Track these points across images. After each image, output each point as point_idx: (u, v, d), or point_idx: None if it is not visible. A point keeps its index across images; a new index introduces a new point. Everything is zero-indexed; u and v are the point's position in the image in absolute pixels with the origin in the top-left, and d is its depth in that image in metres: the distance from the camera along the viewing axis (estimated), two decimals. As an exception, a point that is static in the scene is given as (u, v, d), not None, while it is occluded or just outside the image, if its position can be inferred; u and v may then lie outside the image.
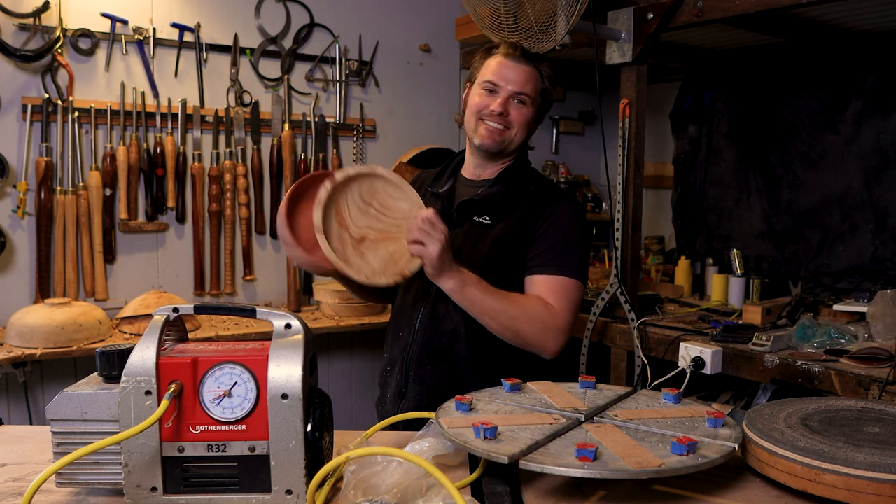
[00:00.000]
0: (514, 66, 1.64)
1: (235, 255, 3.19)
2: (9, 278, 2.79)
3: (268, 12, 3.21)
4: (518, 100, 1.64)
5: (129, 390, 0.96)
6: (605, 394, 1.26)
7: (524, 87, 1.64)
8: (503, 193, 1.66)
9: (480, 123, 1.65)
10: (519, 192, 1.67)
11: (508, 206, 1.65)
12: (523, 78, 1.64)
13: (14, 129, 2.76)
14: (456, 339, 1.63)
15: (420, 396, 1.66)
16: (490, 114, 1.63)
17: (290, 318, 1.02)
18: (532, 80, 1.65)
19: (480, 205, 1.65)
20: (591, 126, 4.20)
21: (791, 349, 2.28)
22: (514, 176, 1.69)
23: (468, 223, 1.65)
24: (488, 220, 1.64)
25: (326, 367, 3.41)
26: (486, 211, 1.65)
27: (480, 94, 1.66)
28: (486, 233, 1.63)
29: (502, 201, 1.65)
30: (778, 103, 3.15)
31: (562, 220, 1.64)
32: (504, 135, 1.64)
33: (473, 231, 1.64)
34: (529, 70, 1.65)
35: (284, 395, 0.96)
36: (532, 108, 1.66)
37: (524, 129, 1.66)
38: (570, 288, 1.60)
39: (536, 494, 1.01)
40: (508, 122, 1.64)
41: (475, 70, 1.71)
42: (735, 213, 3.35)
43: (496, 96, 1.63)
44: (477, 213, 1.65)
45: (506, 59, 1.65)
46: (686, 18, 2.44)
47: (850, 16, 2.63)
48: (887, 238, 2.82)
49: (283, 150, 3.23)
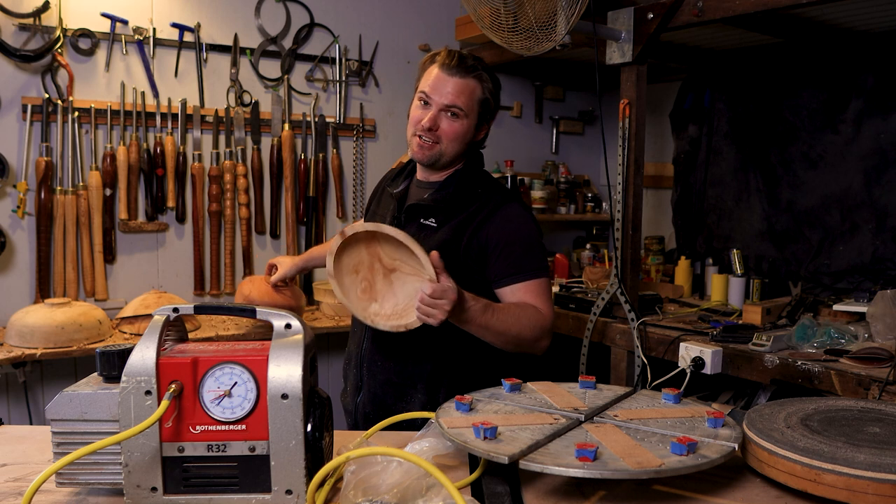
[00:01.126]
0: (448, 79, 1.64)
1: (235, 255, 3.19)
2: (9, 278, 2.79)
3: (268, 12, 3.21)
4: (450, 113, 1.64)
5: (129, 390, 0.96)
6: (605, 394, 1.26)
7: (456, 99, 1.63)
8: (449, 198, 1.69)
9: (414, 138, 1.67)
10: (466, 196, 1.69)
11: (454, 210, 1.67)
12: (457, 90, 1.63)
13: (14, 129, 2.76)
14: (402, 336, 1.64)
15: (374, 390, 1.73)
16: (421, 128, 1.64)
17: (290, 318, 1.02)
18: (466, 93, 1.64)
19: (427, 208, 1.69)
20: (591, 126, 4.20)
21: (791, 349, 2.28)
22: (462, 180, 1.71)
23: (416, 225, 1.68)
24: (434, 223, 1.67)
25: (326, 367, 3.41)
26: (433, 214, 1.68)
27: (416, 105, 1.68)
28: (432, 235, 1.66)
29: (447, 206, 1.68)
30: (778, 103, 3.15)
31: (516, 225, 1.67)
32: (434, 149, 1.66)
33: (420, 234, 1.66)
34: (464, 82, 1.64)
35: (284, 395, 0.96)
36: (466, 121, 1.66)
37: (456, 142, 1.66)
38: (545, 286, 1.66)
39: (536, 494, 1.01)
40: (437, 137, 1.65)
41: (418, 78, 1.72)
42: (735, 213, 3.35)
43: (428, 109, 1.65)
44: (424, 216, 1.69)
45: (441, 70, 1.65)
46: (686, 18, 2.44)
47: (850, 16, 2.63)
48: (887, 238, 2.82)
49: (283, 150, 3.23)
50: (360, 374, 1.76)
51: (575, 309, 2.91)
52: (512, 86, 3.90)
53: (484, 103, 1.69)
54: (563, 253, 3.69)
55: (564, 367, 2.94)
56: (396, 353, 1.70)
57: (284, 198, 3.27)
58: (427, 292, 1.41)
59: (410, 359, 1.69)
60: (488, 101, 1.70)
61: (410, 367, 1.69)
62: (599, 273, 3.17)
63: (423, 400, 1.69)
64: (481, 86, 1.67)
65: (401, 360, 1.70)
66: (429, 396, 1.69)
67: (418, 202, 1.70)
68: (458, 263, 1.62)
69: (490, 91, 1.69)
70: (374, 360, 1.73)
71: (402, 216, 1.71)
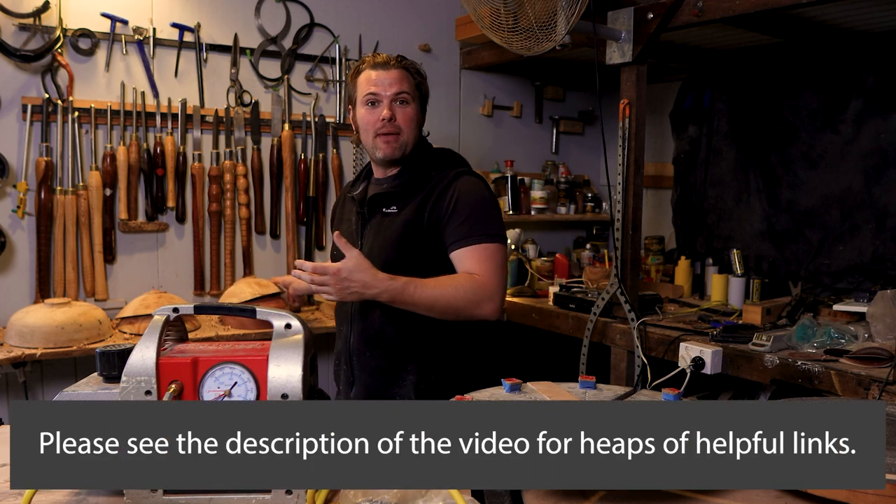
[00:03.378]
0: (385, 73, 1.78)
1: (235, 255, 3.19)
2: (9, 278, 2.79)
3: (268, 12, 3.21)
4: (400, 100, 1.78)
5: (129, 390, 0.96)
6: (605, 394, 1.26)
7: (401, 86, 1.78)
8: (405, 182, 1.81)
9: (377, 138, 1.79)
10: (420, 178, 1.81)
11: (412, 194, 1.79)
12: (398, 79, 1.78)
13: (14, 129, 2.76)
14: (384, 323, 1.78)
15: (367, 382, 1.83)
16: (382, 124, 1.76)
17: (290, 318, 1.02)
18: (405, 80, 1.79)
19: (386, 197, 1.81)
20: (591, 126, 4.20)
21: (791, 349, 2.28)
22: (413, 165, 1.83)
23: (378, 215, 1.82)
24: (395, 209, 1.79)
25: (326, 368, 3.41)
26: (393, 201, 1.80)
27: (366, 109, 1.79)
28: (394, 220, 1.78)
29: (405, 190, 1.80)
30: (778, 103, 3.15)
31: (466, 194, 1.77)
32: (398, 140, 1.78)
33: (383, 222, 1.80)
34: (399, 73, 1.79)
35: (284, 395, 0.96)
36: (415, 104, 1.81)
37: (412, 127, 1.80)
38: (492, 252, 1.74)
39: (536, 494, 1.01)
40: (397, 127, 1.78)
41: (352, 91, 1.85)
42: (735, 213, 3.35)
43: (380, 105, 1.77)
44: (385, 206, 1.81)
45: (374, 69, 1.79)
46: (686, 18, 2.44)
47: (850, 16, 2.63)
48: (887, 238, 2.82)
49: (283, 150, 3.23)
50: (351, 369, 1.85)
51: (575, 309, 2.91)
52: (512, 86, 3.90)
53: (419, 87, 1.84)
54: (563, 253, 3.69)
55: (564, 367, 2.94)
56: (382, 340, 1.79)
57: (284, 198, 3.27)
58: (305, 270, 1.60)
59: (397, 342, 1.78)
60: (421, 86, 1.85)
61: (398, 350, 1.78)
62: (599, 273, 3.17)
63: (414, 381, 1.78)
64: (411, 73, 1.82)
65: (387, 345, 1.78)
66: (420, 377, 1.77)
67: (377, 193, 1.83)
68: (423, 240, 1.76)
69: (420, 76, 1.85)
70: (361, 351, 1.82)
71: (365, 209, 1.84)
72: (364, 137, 1.84)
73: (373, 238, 1.81)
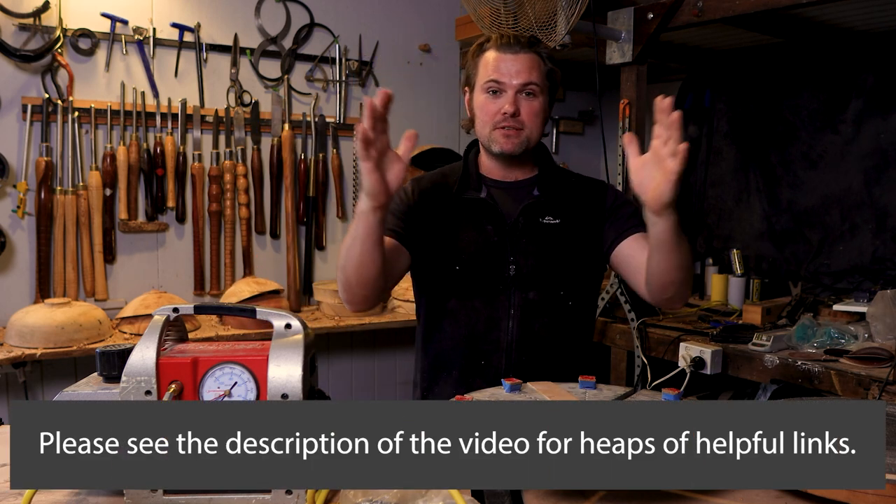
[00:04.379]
0: (513, 58, 1.53)
1: (235, 255, 3.19)
2: (9, 278, 2.79)
3: (268, 12, 3.21)
4: (527, 92, 1.54)
5: (129, 390, 0.96)
6: (605, 394, 1.26)
7: (530, 76, 1.53)
8: (559, 190, 1.62)
9: (495, 131, 1.56)
10: (568, 187, 1.65)
11: (566, 203, 1.62)
12: (526, 67, 1.53)
13: (14, 129, 2.76)
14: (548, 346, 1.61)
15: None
16: (503, 118, 1.53)
17: (290, 318, 1.02)
18: (536, 67, 1.54)
19: (543, 205, 1.60)
20: (591, 126, 4.20)
21: (791, 349, 2.28)
22: (554, 173, 1.66)
23: (536, 226, 1.59)
24: (553, 219, 1.59)
25: (326, 367, 3.41)
26: (549, 211, 1.59)
27: (486, 97, 1.56)
28: (559, 232, 1.59)
29: (561, 199, 1.61)
30: (778, 103, 3.15)
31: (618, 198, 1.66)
32: (520, 136, 1.55)
33: (545, 233, 1.59)
34: (530, 56, 1.54)
35: (284, 395, 0.96)
36: (543, 97, 1.56)
37: (538, 122, 1.57)
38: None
39: (536, 494, 1.01)
40: (521, 122, 1.55)
41: (472, 72, 1.60)
42: (735, 213, 3.35)
43: (503, 96, 1.54)
44: (541, 215, 1.59)
45: (502, 52, 1.54)
46: (686, 18, 2.44)
47: (850, 16, 2.63)
48: (887, 238, 2.82)
49: (283, 150, 3.23)
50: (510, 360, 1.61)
51: (575, 309, 2.91)
52: (512, 86, 3.89)
53: (551, 75, 1.59)
54: (563, 253, 3.68)
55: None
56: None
57: (284, 198, 3.27)
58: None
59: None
60: (554, 73, 1.60)
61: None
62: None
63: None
64: (543, 59, 1.57)
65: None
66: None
67: (535, 201, 1.59)
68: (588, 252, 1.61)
69: (553, 61, 1.60)
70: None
71: (521, 219, 1.59)
72: (479, 127, 1.59)
73: (536, 253, 1.58)
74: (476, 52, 1.59)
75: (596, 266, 1.65)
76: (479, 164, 1.67)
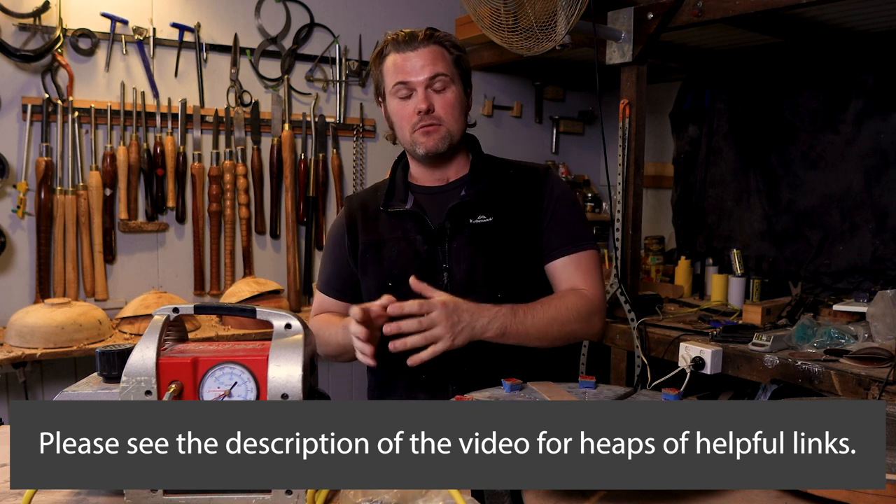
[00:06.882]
0: (414, 54, 1.48)
1: (235, 255, 3.19)
2: (9, 278, 2.79)
3: (268, 12, 3.21)
4: (436, 85, 1.48)
5: (129, 390, 0.96)
6: (605, 394, 1.26)
7: (435, 68, 1.47)
8: (491, 186, 1.54)
9: (415, 133, 1.50)
10: (502, 180, 1.56)
11: (500, 198, 1.53)
12: (430, 59, 1.48)
13: (14, 129, 2.76)
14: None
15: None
16: (419, 117, 1.48)
17: (290, 317, 1.02)
18: (440, 57, 1.49)
19: (473, 205, 1.52)
20: (591, 126, 4.20)
21: (791, 349, 2.28)
22: (486, 165, 1.59)
23: (467, 228, 1.51)
24: (486, 218, 1.51)
25: (326, 367, 3.41)
26: (481, 210, 1.52)
27: (398, 102, 1.51)
28: (493, 231, 1.51)
29: (494, 195, 1.53)
30: (778, 103, 3.15)
31: (564, 193, 1.56)
32: (441, 131, 1.49)
33: (476, 234, 1.51)
34: (430, 49, 1.49)
35: (284, 395, 0.96)
36: (455, 86, 1.51)
37: (456, 114, 1.51)
38: (591, 259, 1.54)
39: (536, 494, 1.01)
40: (438, 118, 1.49)
41: (379, 81, 1.55)
42: (735, 213, 3.35)
43: (414, 96, 1.49)
44: (471, 216, 1.52)
45: (400, 51, 1.49)
46: (686, 18, 2.44)
47: (850, 16, 2.63)
48: (887, 238, 2.82)
49: (283, 150, 3.23)
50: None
51: (575, 309, 2.91)
52: (512, 86, 3.90)
53: (459, 63, 1.52)
54: (563, 253, 3.68)
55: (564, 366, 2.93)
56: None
57: (284, 198, 3.27)
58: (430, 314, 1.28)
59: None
60: (461, 60, 1.53)
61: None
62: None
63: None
64: (446, 48, 1.51)
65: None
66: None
67: (462, 201, 1.52)
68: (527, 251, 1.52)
69: (458, 49, 1.53)
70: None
71: (448, 224, 1.51)
72: (401, 135, 1.55)
73: (469, 257, 1.50)
74: (377, 60, 1.55)
75: (536, 262, 1.54)
76: (409, 174, 1.63)
